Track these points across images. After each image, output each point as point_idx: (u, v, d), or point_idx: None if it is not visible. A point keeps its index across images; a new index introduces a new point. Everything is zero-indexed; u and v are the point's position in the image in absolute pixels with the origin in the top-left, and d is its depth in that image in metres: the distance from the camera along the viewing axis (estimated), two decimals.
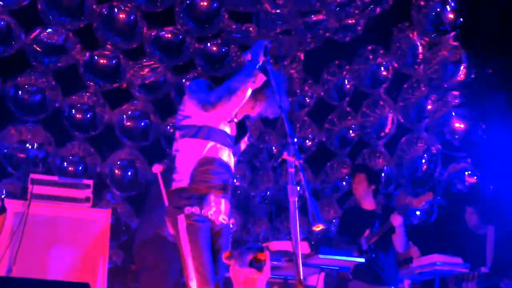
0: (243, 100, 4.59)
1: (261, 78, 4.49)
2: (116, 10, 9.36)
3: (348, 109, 10.29)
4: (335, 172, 10.25)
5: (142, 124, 9.88)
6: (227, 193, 4.74)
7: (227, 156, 4.75)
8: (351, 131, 10.26)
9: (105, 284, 6.50)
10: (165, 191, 5.41)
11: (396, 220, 7.36)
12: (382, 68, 9.82)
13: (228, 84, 4.54)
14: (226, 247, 4.72)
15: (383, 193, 9.56)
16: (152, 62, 9.87)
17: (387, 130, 9.75)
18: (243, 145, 5.05)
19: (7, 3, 8.77)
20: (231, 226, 4.86)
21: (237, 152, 4.96)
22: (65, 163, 9.43)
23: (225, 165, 4.73)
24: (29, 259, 6.20)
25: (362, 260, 6.75)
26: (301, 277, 3.81)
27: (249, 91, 4.56)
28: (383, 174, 9.64)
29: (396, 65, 9.59)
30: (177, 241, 4.55)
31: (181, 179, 4.63)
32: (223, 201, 4.70)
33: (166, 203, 4.82)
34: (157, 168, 5.93)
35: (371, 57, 9.88)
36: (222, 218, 4.70)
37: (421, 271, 7.73)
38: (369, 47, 9.89)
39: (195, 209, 4.52)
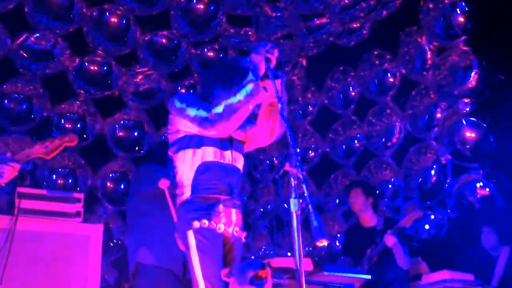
0: (244, 118, 4.58)
1: (263, 95, 4.47)
2: (107, 13, 9.39)
3: (353, 117, 10.30)
4: (339, 185, 10.26)
5: (135, 134, 9.89)
6: (236, 199, 4.73)
7: (229, 158, 4.75)
8: (356, 141, 10.27)
9: None
10: (173, 208, 5.40)
11: (389, 240, 7.46)
12: (389, 75, 9.85)
13: (229, 102, 4.47)
14: (237, 263, 4.69)
15: (390, 206, 9.59)
16: (146, 69, 9.89)
17: (394, 140, 9.77)
18: None
19: None
20: (243, 240, 4.85)
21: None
22: (54, 176, 9.45)
23: (228, 168, 4.73)
24: (17, 277, 6.20)
25: (368, 276, 6.79)
26: None
27: (250, 108, 4.54)
28: (390, 186, 9.67)
29: (403, 71, 9.61)
30: (187, 258, 4.56)
31: (184, 192, 4.63)
32: (233, 211, 4.69)
33: (175, 219, 4.83)
34: (163, 183, 5.90)
35: (377, 62, 9.91)
36: (234, 230, 4.67)
37: None
38: (375, 52, 9.91)
39: (203, 223, 4.50)
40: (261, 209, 10.64)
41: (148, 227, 6.12)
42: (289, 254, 9.28)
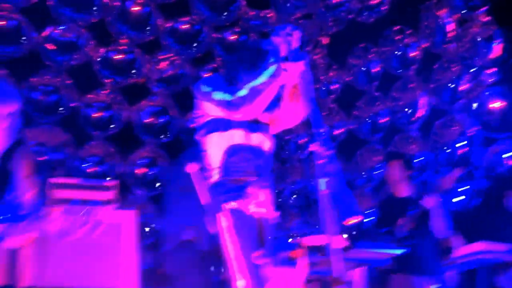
0: (269, 101, 4.57)
1: (285, 77, 4.46)
2: (129, 2, 9.41)
3: (376, 93, 10.26)
4: (366, 161, 10.22)
5: (162, 120, 9.92)
6: (264, 180, 4.70)
7: (256, 140, 4.73)
8: (381, 117, 10.23)
9: None
10: (201, 192, 5.39)
11: (428, 202, 7.23)
12: (411, 49, 9.78)
13: (252, 84, 4.48)
14: (268, 244, 4.64)
15: (419, 180, 9.54)
16: (169, 55, 9.90)
17: (419, 114, 9.71)
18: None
19: (16, 2, 8.84)
20: (274, 220, 4.83)
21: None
22: (85, 165, 9.52)
23: (255, 150, 4.70)
24: (55, 268, 6.23)
25: (401, 251, 6.74)
26: (338, 273, 3.83)
27: (274, 90, 4.53)
28: (417, 160, 9.62)
29: (425, 45, 9.55)
30: (220, 241, 4.56)
31: (213, 174, 4.64)
32: (262, 192, 4.66)
33: (202, 202, 4.82)
34: (191, 168, 5.86)
35: (398, 38, 9.85)
36: (263, 211, 4.65)
37: (464, 260, 7.67)
38: (396, 28, 9.85)
39: (233, 205, 4.50)
40: (290, 189, 10.64)
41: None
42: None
